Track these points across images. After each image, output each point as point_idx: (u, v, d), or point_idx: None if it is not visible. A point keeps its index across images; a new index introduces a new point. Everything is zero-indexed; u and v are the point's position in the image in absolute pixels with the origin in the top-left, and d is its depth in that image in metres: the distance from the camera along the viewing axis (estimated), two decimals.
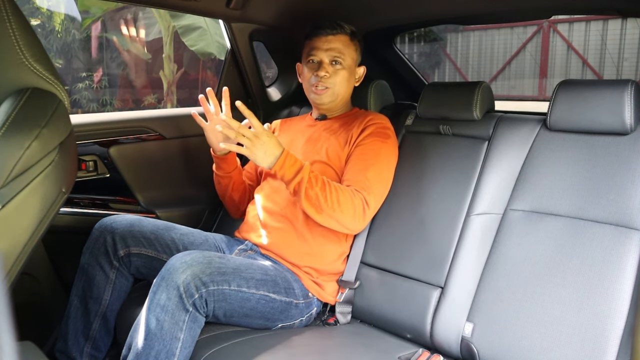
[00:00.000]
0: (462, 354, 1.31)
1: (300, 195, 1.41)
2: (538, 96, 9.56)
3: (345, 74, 1.63)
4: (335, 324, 1.52)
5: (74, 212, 1.77)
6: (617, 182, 1.23)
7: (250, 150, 1.38)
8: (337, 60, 1.61)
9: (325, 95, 1.63)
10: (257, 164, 1.44)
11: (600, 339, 1.12)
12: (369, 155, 1.53)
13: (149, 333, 1.20)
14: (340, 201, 1.42)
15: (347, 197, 1.44)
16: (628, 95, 1.25)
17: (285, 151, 1.41)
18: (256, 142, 1.38)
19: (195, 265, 1.24)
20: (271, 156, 1.39)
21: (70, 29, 8.06)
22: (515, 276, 1.27)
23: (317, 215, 1.43)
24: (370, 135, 1.56)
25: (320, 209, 1.41)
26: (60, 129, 0.91)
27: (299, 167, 1.42)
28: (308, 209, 1.42)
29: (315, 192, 1.40)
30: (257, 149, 1.38)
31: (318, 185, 1.41)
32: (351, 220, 1.45)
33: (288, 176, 1.41)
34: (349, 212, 1.43)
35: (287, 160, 1.41)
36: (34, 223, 0.87)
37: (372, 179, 1.49)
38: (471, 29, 10.09)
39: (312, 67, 1.63)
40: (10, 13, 0.86)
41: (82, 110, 8.11)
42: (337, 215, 1.43)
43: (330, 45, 1.61)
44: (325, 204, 1.41)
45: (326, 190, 1.42)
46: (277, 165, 1.40)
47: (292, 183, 1.41)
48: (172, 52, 7.43)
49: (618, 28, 8.56)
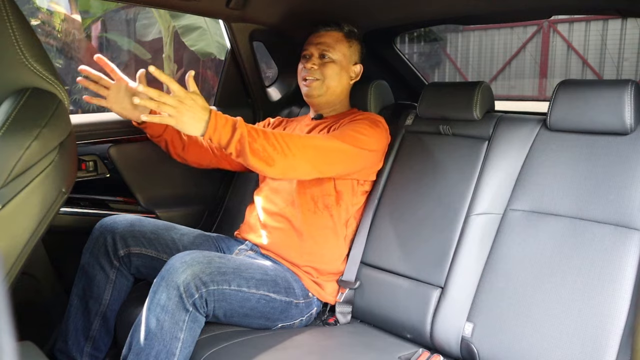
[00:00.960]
0: (462, 354, 1.31)
1: (246, 153, 1.26)
2: (538, 96, 9.56)
3: (336, 68, 1.63)
4: (335, 324, 1.52)
5: (74, 212, 1.77)
6: (617, 182, 1.23)
7: (176, 119, 1.21)
8: (325, 54, 1.62)
9: (313, 87, 1.63)
10: (187, 133, 1.26)
11: (600, 339, 1.12)
12: (349, 126, 1.50)
13: (149, 333, 1.20)
14: (289, 144, 1.31)
15: (296, 138, 1.33)
16: (628, 95, 1.25)
17: (214, 112, 1.25)
18: (181, 108, 1.20)
19: (195, 265, 1.24)
20: (201, 121, 1.23)
21: (70, 28, 8.06)
22: (515, 276, 1.27)
23: (270, 169, 1.31)
24: (359, 120, 1.55)
25: (271, 160, 1.29)
26: (60, 129, 0.91)
27: (233, 124, 1.27)
28: (259, 164, 1.29)
29: (260, 143, 1.27)
30: (184, 115, 1.21)
31: (260, 137, 1.28)
32: (310, 162, 1.35)
33: (225, 137, 1.25)
34: (303, 154, 1.33)
35: (219, 121, 1.25)
36: (34, 223, 0.87)
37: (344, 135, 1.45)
38: (471, 29, 10.08)
39: (303, 61, 1.66)
40: (10, 13, 0.86)
41: (82, 110, 8.11)
42: (289, 162, 1.31)
43: (320, 40, 1.64)
44: (275, 153, 1.29)
45: (270, 138, 1.29)
46: (209, 129, 1.23)
47: (231, 143, 1.26)
48: (172, 52, 7.43)
49: (618, 28, 8.56)
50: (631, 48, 8.40)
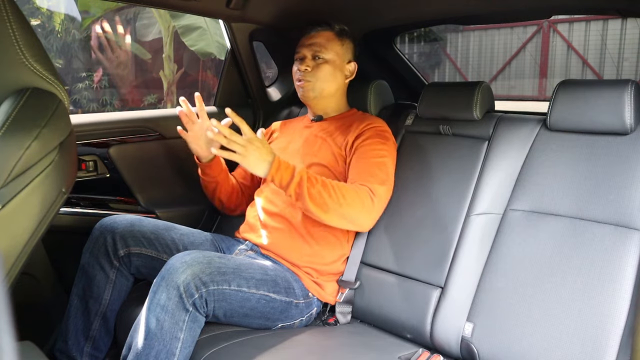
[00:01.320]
0: (462, 354, 1.31)
1: (304, 196, 1.37)
2: (538, 96, 9.56)
3: (329, 68, 1.63)
4: (335, 324, 1.52)
5: (74, 212, 1.77)
6: (617, 182, 1.23)
7: (243, 157, 1.34)
8: (318, 55, 1.63)
9: (308, 89, 1.63)
10: (251, 171, 1.38)
11: (600, 339, 1.12)
12: (370, 154, 1.52)
13: (149, 333, 1.20)
14: (345, 195, 1.39)
15: (351, 191, 1.41)
16: (628, 95, 1.25)
17: (277, 156, 1.38)
18: (249, 147, 1.34)
19: (195, 265, 1.24)
20: (265, 162, 1.35)
21: (70, 29, 8.06)
22: (515, 276, 1.27)
23: (324, 215, 1.39)
24: (370, 137, 1.56)
25: (326, 207, 1.37)
26: (60, 129, 0.91)
27: (293, 168, 1.39)
28: (314, 209, 1.38)
29: (317, 189, 1.37)
30: (250, 154, 1.34)
31: (319, 183, 1.38)
32: (360, 214, 1.42)
33: (286, 179, 1.37)
34: (357, 206, 1.40)
35: (282, 164, 1.37)
36: (34, 223, 0.87)
37: (376, 172, 1.48)
38: (471, 29, 10.08)
39: (297, 64, 1.66)
40: (10, 13, 0.86)
41: (82, 110, 8.11)
42: (345, 211, 1.39)
43: (312, 41, 1.64)
44: (330, 200, 1.37)
45: (328, 187, 1.38)
46: (272, 169, 1.36)
47: (291, 185, 1.37)
48: (172, 52, 7.43)
49: (618, 28, 8.56)
50: (631, 48, 8.40)
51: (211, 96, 2.36)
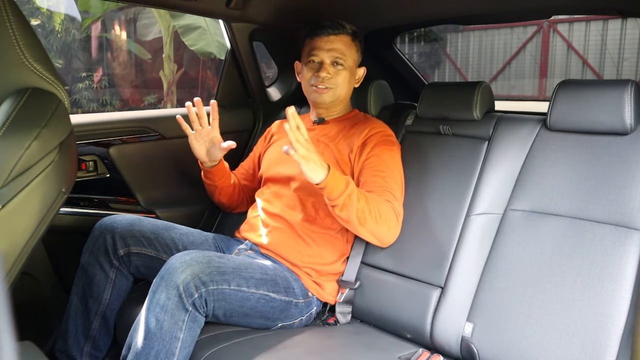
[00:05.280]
0: (462, 354, 1.31)
1: (352, 208, 1.35)
2: (538, 96, 9.55)
3: (347, 74, 1.61)
4: (335, 324, 1.52)
5: (74, 212, 1.77)
6: (617, 182, 1.23)
7: (306, 160, 1.28)
8: (338, 62, 1.59)
9: (327, 95, 1.61)
10: (305, 173, 1.30)
11: (600, 339, 1.12)
12: (383, 166, 1.51)
13: (148, 333, 1.20)
14: (381, 213, 1.40)
15: (385, 209, 1.41)
16: (628, 95, 1.25)
17: (331, 165, 1.35)
18: (313, 152, 1.29)
19: (195, 265, 1.24)
20: (323, 168, 1.31)
21: (70, 29, 8.06)
22: (515, 276, 1.27)
23: (359, 227, 1.39)
24: (377, 145, 1.54)
25: (364, 222, 1.38)
26: (60, 129, 0.91)
27: (347, 180, 1.36)
28: (354, 221, 1.37)
29: (362, 204, 1.36)
30: (312, 159, 1.29)
31: (363, 197, 1.38)
32: (388, 233, 1.44)
33: (339, 189, 1.33)
34: (386, 224, 1.42)
35: (336, 173, 1.34)
36: (34, 223, 0.87)
37: (394, 188, 1.48)
38: (471, 29, 10.08)
39: (312, 67, 1.61)
40: (10, 13, 0.86)
41: (82, 110, 8.12)
42: (375, 227, 1.40)
43: (332, 46, 1.59)
44: (369, 216, 1.38)
45: (370, 203, 1.38)
46: (328, 177, 1.31)
47: (342, 195, 1.33)
48: (172, 52, 7.43)
49: (618, 28, 8.56)
50: (631, 48, 8.39)
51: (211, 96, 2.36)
